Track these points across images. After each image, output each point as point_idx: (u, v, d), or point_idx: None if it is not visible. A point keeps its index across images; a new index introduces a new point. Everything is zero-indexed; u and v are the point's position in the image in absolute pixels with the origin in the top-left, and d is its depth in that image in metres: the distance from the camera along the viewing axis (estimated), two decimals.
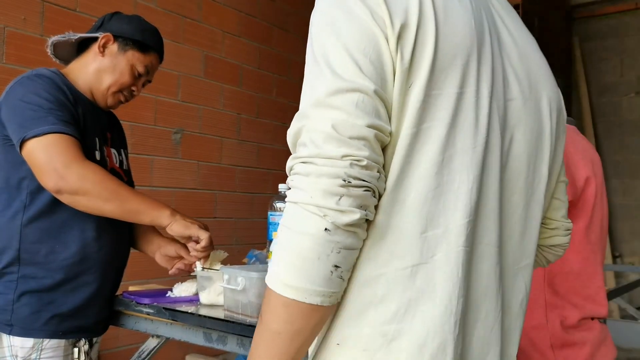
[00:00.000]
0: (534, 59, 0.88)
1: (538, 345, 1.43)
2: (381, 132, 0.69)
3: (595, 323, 1.47)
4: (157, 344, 1.79)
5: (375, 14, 0.69)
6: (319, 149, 0.67)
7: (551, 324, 1.43)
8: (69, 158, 1.39)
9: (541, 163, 0.86)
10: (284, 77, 4.46)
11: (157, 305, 1.56)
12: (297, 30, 4.62)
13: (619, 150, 5.68)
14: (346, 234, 0.68)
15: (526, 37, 0.90)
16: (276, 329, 0.72)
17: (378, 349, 0.71)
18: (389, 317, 0.71)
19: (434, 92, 0.71)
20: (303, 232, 0.68)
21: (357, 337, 0.72)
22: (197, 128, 3.76)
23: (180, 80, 3.63)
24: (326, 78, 0.69)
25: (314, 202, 0.67)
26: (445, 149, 0.72)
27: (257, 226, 4.10)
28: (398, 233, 0.72)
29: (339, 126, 0.67)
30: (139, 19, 1.66)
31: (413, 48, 0.70)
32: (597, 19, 5.81)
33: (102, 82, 1.59)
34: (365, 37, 0.69)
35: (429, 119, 0.72)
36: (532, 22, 4.59)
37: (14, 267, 1.46)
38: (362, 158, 0.66)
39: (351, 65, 0.69)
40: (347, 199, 0.66)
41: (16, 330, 1.45)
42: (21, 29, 2.93)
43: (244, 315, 1.42)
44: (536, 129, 0.85)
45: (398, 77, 0.70)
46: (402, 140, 0.71)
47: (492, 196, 0.77)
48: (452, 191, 0.72)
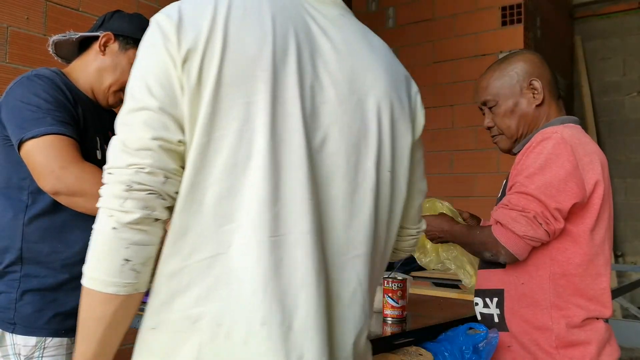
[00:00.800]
0: (362, 63, 0.96)
1: (543, 346, 1.42)
2: (167, 142, 0.82)
3: (600, 323, 1.47)
4: None
5: (168, 42, 0.84)
6: (113, 161, 0.82)
7: (556, 325, 1.42)
8: (66, 159, 1.39)
9: (365, 159, 0.93)
10: None
11: None
12: None
13: (621, 149, 5.67)
14: (133, 232, 0.81)
15: (359, 43, 0.98)
16: (83, 316, 0.86)
17: (185, 330, 0.82)
18: (192, 303, 0.82)
19: (223, 105, 0.82)
20: (98, 231, 0.83)
21: (168, 322, 0.84)
22: None
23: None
24: (126, 102, 0.85)
25: (105, 204, 0.82)
26: (237, 153, 0.82)
27: None
28: (198, 229, 0.82)
29: (127, 140, 0.82)
30: (139, 18, 1.66)
31: (200, 68, 0.82)
32: (600, 18, 5.81)
33: (103, 81, 1.59)
34: (157, 65, 0.84)
35: (220, 128, 0.82)
36: (534, 22, 4.59)
37: (17, 266, 1.46)
38: (145, 166, 0.80)
39: (144, 89, 0.83)
40: (131, 202, 0.80)
41: (19, 329, 1.45)
42: (24, 29, 2.94)
43: None
44: (357, 128, 0.93)
45: (187, 94, 0.82)
46: (195, 149, 0.82)
47: (298, 189, 0.85)
48: (246, 188, 0.82)
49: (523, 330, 1.46)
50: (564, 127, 1.50)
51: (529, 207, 1.40)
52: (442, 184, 4.55)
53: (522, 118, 1.58)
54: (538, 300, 1.44)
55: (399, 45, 4.93)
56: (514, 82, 1.58)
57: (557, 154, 1.42)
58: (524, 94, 1.58)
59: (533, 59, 1.62)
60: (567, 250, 1.44)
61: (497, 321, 1.51)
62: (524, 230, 1.39)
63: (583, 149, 1.46)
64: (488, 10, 4.47)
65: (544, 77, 1.59)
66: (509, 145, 1.63)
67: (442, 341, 1.36)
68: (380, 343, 1.26)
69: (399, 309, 1.43)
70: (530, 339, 1.45)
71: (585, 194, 1.41)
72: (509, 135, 1.61)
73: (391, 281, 1.44)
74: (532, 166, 1.43)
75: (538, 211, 1.39)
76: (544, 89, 1.58)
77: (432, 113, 4.66)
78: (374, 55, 0.99)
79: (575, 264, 1.43)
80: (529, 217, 1.39)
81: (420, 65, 4.78)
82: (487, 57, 4.38)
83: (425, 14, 4.79)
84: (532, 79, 1.57)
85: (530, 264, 1.46)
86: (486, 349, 1.34)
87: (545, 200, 1.39)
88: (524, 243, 1.41)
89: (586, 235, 1.43)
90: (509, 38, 4.33)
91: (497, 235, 1.43)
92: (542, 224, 1.38)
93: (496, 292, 1.51)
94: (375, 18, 5.06)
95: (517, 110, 1.58)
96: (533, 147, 1.46)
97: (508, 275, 1.49)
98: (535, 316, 1.45)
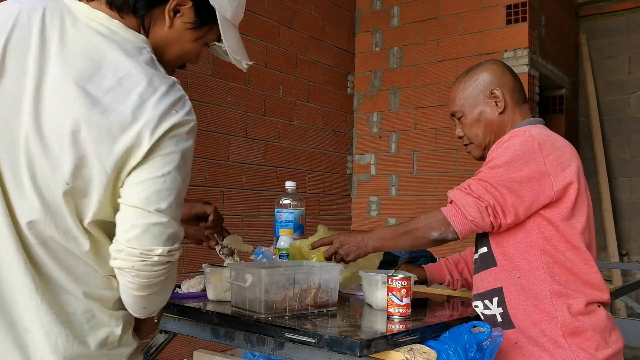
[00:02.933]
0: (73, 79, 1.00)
1: (551, 336, 1.45)
2: None
3: (601, 310, 1.51)
4: (165, 339, 1.82)
5: None
6: None
7: (560, 313, 1.45)
8: None
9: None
10: (291, 75, 4.48)
11: None
12: (304, 28, 4.63)
13: (626, 148, 5.66)
14: None
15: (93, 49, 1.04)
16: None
17: None
18: None
19: None
20: None
21: None
22: (205, 126, 3.78)
23: (188, 78, 3.65)
24: None
25: None
26: None
27: (263, 223, 4.12)
28: None
29: None
30: None
31: None
32: (605, 17, 5.79)
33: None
34: None
35: None
36: (539, 20, 4.58)
37: None
38: None
39: None
40: None
41: None
42: None
43: (251, 311, 1.44)
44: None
45: None
46: None
47: None
48: None
49: (529, 324, 1.48)
50: (532, 127, 1.58)
51: (484, 197, 1.46)
52: (447, 182, 4.55)
53: (488, 126, 1.66)
54: (538, 291, 1.48)
55: (403, 44, 4.93)
56: (477, 92, 1.68)
57: (524, 150, 1.48)
58: (487, 103, 1.66)
59: (494, 68, 1.70)
60: (553, 238, 1.48)
61: (500, 320, 1.52)
62: (474, 216, 1.47)
63: (552, 145, 1.51)
64: (493, 8, 4.46)
65: (505, 84, 1.67)
66: (480, 153, 1.71)
67: (446, 339, 1.36)
68: (384, 341, 1.28)
69: (403, 307, 1.44)
70: (537, 330, 1.47)
71: (552, 191, 1.47)
72: (478, 144, 1.69)
73: (395, 279, 1.45)
74: (498, 159, 1.49)
75: (491, 203, 1.46)
76: (506, 97, 1.65)
77: (436, 112, 4.67)
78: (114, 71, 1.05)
79: (563, 251, 1.48)
80: (481, 206, 1.46)
81: (425, 64, 4.79)
82: (492, 55, 4.37)
83: (430, 12, 4.79)
84: (493, 88, 1.65)
85: (522, 257, 1.50)
86: (490, 347, 1.35)
87: (502, 194, 1.45)
88: (470, 227, 1.49)
89: (566, 223, 1.48)
90: (514, 36, 4.33)
91: (448, 214, 1.50)
92: (491, 215, 1.46)
93: (495, 292, 1.53)
94: (380, 16, 5.06)
95: (482, 119, 1.67)
96: (502, 142, 1.54)
97: (503, 272, 1.52)
98: (538, 307, 1.48)
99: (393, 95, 4.95)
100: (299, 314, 1.46)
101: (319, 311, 1.50)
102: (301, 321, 1.39)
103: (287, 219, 1.89)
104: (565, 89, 5.38)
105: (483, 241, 1.58)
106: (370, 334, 1.31)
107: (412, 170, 4.82)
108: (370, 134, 5.06)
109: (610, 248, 5.43)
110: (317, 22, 4.79)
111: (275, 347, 1.40)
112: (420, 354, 1.27)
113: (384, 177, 4.98)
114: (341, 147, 5.03)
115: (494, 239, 1.54)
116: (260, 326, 1.37)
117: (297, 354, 1.36)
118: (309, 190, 4.59)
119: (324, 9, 4.85)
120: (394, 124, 4.93)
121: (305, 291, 1.49)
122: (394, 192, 4.92)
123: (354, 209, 5.14)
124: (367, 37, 5.13)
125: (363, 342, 1.21)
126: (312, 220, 4.78)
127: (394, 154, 4.93)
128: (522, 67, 4.22)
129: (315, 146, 4.66)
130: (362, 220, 5.06)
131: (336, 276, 1.56)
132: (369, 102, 5.08)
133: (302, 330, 1.30)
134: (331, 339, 1.25)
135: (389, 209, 4.89)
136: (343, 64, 5.06)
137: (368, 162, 5.07)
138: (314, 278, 1.50)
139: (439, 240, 1.53)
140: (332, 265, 1.59)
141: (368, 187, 5.06)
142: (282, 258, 1.82)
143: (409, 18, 4.90)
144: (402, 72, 4.90)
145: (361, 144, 5.10)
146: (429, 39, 4.77)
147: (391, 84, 4.96)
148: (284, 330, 1.32)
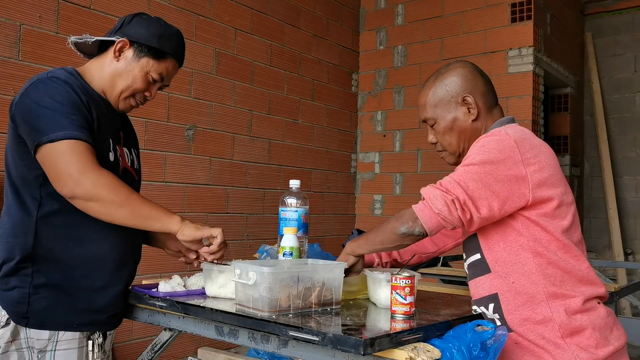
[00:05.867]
0: None
1: (550, 338, 1.44)
2: None
3: (600, 307, 1.50)
4: (169, 336, 1.82)
5: None
6: None
7: (557, 315, 1.44)
8: (84, 165, 1.42)
9: None
10: (295, 73, 4.48)
11: (169, 298, 1.59)
12: (308, 27, 4.63)
13: (632, 146, 5.65)
14: None
15: None
16: None
17: None
18: None
19: None
20: None
21: None
22: (209, 124, 3.78)
23: (193, 77, 3.65)
24: None
25: None
26: None
27: (268, 221, 4.12)
28: None
29: None
30: (159, 23, 1.64)
31: None
32: (610, 15, 5.77)
33: (115, 86, 1.61)
34: None
35: None
36: (545, 18, 4.57)
37: (29, 262, 1.49)
38: None
39: None
40: None
41: (32, 323, 1.48)
42: (37, 27, 2.97)
43: (254, 309, 1.44)
44: None
45: None
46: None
47: None
48: None
49: (527, 329, 1.47)
50: (507, 127, 1.55)
51: (453, 190, 1.45)
52: None
53: (462, 133, 1.62)
54: (533, 295, 1.47)
55: (407, 42, 4.92)
56: (448, 99, 1.61)
57: (500, 148, 1.46)
58: (459, 110, 1.61)
59: (464, 72, 1.63)
60: (543, 239, 1.47)
61: (499, 325, 1.52)
62: (440, 209, 1.45)
63: (529, 143, 1.49)
64: (498, 6, 4.45)
65: (476, 89, 1.61)
66: (454, 160, 1.67)
67: (450, 338, 1.36)
68: (388, 339, 1.28)
69: (407, 306, 1.44)
70: (535, 334, 1.46)
71: (527, 198, 1.45)
72: (452, 151, 1.65)
73: (399, 278, 1.45)
74: (474, 157, 1.48)
75: (460, 197, 1.44)
76: (478, 102, 1.60)
77: None
78: None
79: (554, 251, 1.47)
80: (448, 199, 1.44)
81: (429, 63, 4.78)
82: (497, 54, 4.36)
83: (434, 10, 4.78)
84: (464, 95, 1.60)
85: (515, 262, 1.48)
86: (494, 346, 1.35)
87: (475, 188, 1.44)
88: (437, 220, 1.46)
89: (553, 222, 1.47)
90: (519, 35, 4.32)
91: (416, 209, 1.49)
92: (459, 209, 1.43)
93: (490, 298, 1.53)
94: (385, 15, 5.06)
95: (455, 127, 1.62)
96: (478, 142, 1.52)
97: (497, 278, 1.51)
98: (534, 311, 1.47)
99: (397, 93, 4.95)
100: (302, 312, 1.46)
101: (323, 309, 1.51)
102: (305, 319, 1.40)
103: (291, 217, 1.89)
104: (570, 88, 5.37)
105: (474, 248, 1.57)
106: (374, 332, 1.31)
107: (416, 169, 4.82)
108: (374, 132, 5.06)
109: (615, 247, 5.42)
110: (322, 20, 4.79)
111: (279, 345, 1.40)
112: (424, 353, 1.27)
113: (388, 175, 4.97)
114: (345, 146, 5.03)
115: (485, 245, 1.53)
116: (264, 324, 1.38)
117: (301, 352, 1.36)
118: (313, 188, 4.60)
119: (328, 7, 4.85)
120: (398, 122, 4.93)
121: (309, 289, 1.49)
122: (398, 191, 4.91)
123: (358, 208, 5.14)
124: (371, 35, 5.12)
125: (367, 341, 1.21)
126: (317, 219, 4.79)
127: (398, 152, 4.93)
128: (527, 65, 4.20)
129: (319, 145, 4.66)
130: (366, 218, 5.06)
131: (340, 275, 1.56)
132: (373, 100, 5.08)
133: (306, 328, 1.30)
134: (335, 337, 1.25)
135: (393, 207, 4.89)
136: (347, 63, 5.06)
137: (372, 161, 5.07)
138: (318, 276, 1.51)
139: (406, 234, 1.51)
140: (336, 263, 1.60)
141: (372, 186, 5.06)
142: (285, 256, 1.82)
143: (414, 16, 4.89)
144: (407, 71, 4.90)
145: (365, 143, 5.10)
146: (434, 37, 4.76)
147: (395, 82, 4.95)
148: (288, 328, 1.33)
